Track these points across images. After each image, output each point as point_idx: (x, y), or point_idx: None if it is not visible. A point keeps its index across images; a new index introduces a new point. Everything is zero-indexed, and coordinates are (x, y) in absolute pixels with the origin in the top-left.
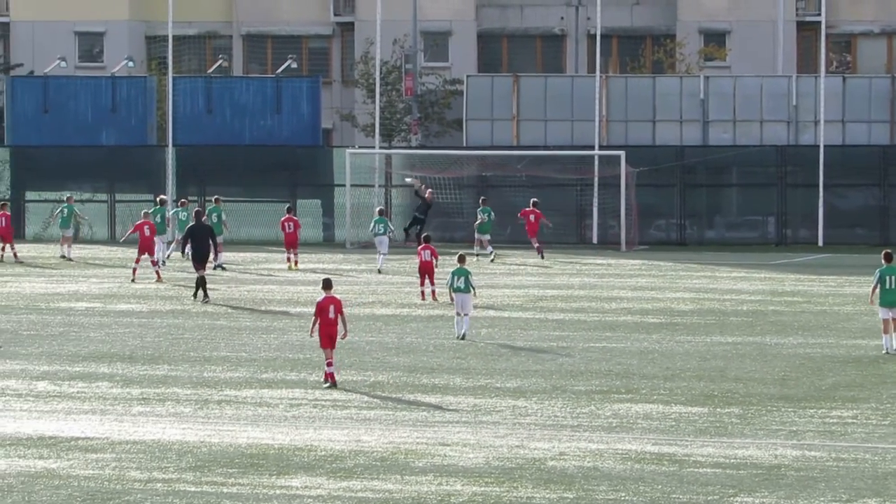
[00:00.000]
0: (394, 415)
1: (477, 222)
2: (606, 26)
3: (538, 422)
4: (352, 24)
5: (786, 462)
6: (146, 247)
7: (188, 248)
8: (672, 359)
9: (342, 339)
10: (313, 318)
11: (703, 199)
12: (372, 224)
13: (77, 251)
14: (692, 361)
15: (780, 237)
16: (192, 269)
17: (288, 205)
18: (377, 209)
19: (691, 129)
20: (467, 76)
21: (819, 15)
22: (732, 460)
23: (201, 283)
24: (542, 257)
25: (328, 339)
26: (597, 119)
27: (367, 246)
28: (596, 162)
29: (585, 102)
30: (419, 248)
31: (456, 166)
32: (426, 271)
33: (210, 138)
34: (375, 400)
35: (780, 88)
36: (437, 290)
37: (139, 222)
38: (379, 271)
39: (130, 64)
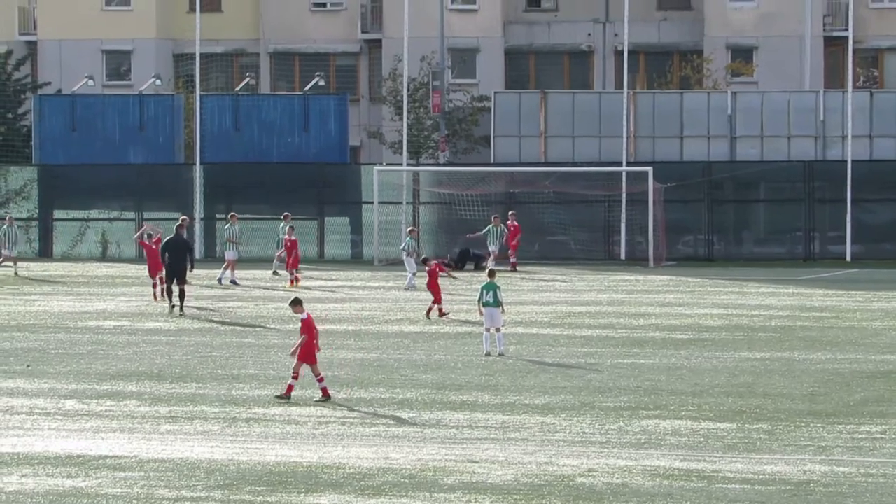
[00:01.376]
0: (422, 432)
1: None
2: (634, 42)
3: (567, 438)
4: (379, 41)
5: (814, 478)
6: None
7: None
8: (700, 375)
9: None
10: (307, 336)
11: (731, 215)
12: (403, 243)
13: (105, 269)
14: (721, 377)
15: (808, 252)
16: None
17: (291, 224)
18: (408, 229)
19: (719, 145)
20: (495, 93)
21: (846, 30)
22: (761, 476)
23: (180, 295)
24: (515, 270)
25: (313, 356)
26: (624, 135)
27: (394, 263)
28: (624, 178)
29: (613, 118)
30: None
31: (484, 183)
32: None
33: (238, 156)
34: (403, 417)
35: (808, 104)
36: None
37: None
38: (406, 289)
39: (158, 82)
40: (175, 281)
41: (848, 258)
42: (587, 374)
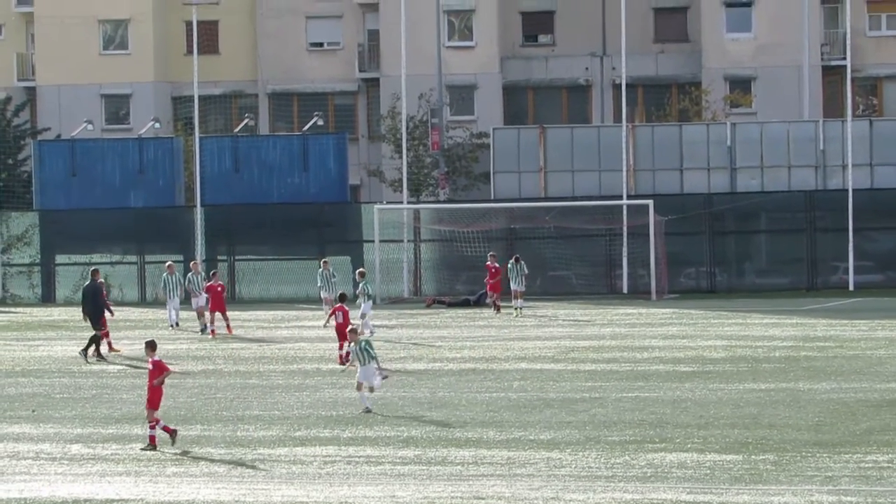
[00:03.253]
0: (428, 469)
1: None
2: (631, 75)
3: (573, 473)
4: (377, 79)
5: None
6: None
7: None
8: (705, 407)
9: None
10: (164, 374)
11: (733, 246)
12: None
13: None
14: (726, 409)
15: (810, 282)
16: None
17: (213, 270)
18: (358, 270)
19: (719, 177)
20: (493, 129)
21: (844, 59)
22: None
23: (93, 340)
24: (498, 311)
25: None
26: (624, 168)
27: (397, 301)
28: (624, 211)
29: (612, 152)
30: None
31: (484, 219)
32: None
33: (238, 197)
34: (409, 455)
35: (807, 133)
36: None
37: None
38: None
39: (157, 125)
40: (92, 327)
41: (851, 287)
42: (592, 409)
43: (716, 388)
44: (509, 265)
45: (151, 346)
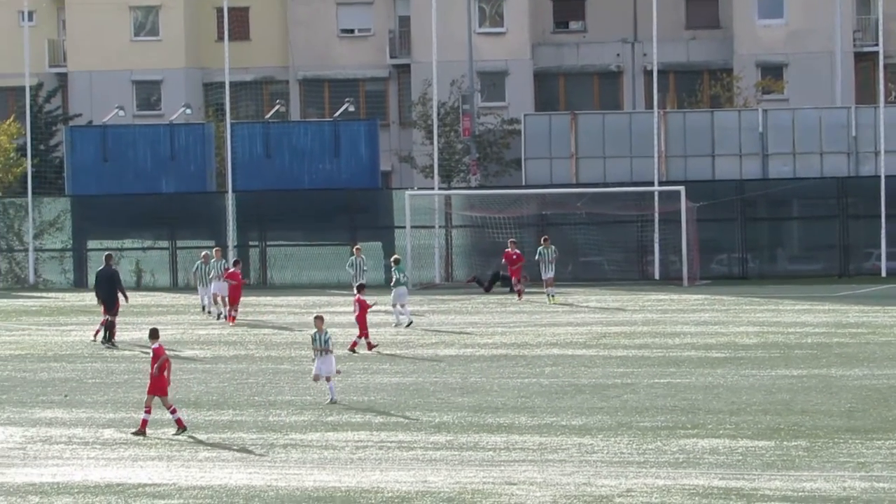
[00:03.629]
0: (460, 455)
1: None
2: (663, 62)
3: (604, 459)
4: (408, 66)
5: (854, 494)
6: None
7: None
8: (737, 393)
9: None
10: (158, 361)
11: (765, 233)
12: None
13: (140, 298)
14: (758, 395)
15: (842, 269)
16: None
17: (236, 259)
18: (392, 258)
19: (751, 163)
20: (525, 115)
21: (877, 45)
22: (800, 493)
23: (109, 326)
24: (520, 297)
25: (162, 388)
26: (656, 155)
27: (428, 287)
28: (656, 198)
29: (644, 138)
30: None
31: (515, 206)
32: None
33: (269, 183)
34: (441, 440)
35: (839, 120)
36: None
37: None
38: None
39: (188, 111)
40: (104, 311)
41: (883, 273)
42: (624, 395)
43: (748, 374)
44: (539, 249)
45: (153, 334)
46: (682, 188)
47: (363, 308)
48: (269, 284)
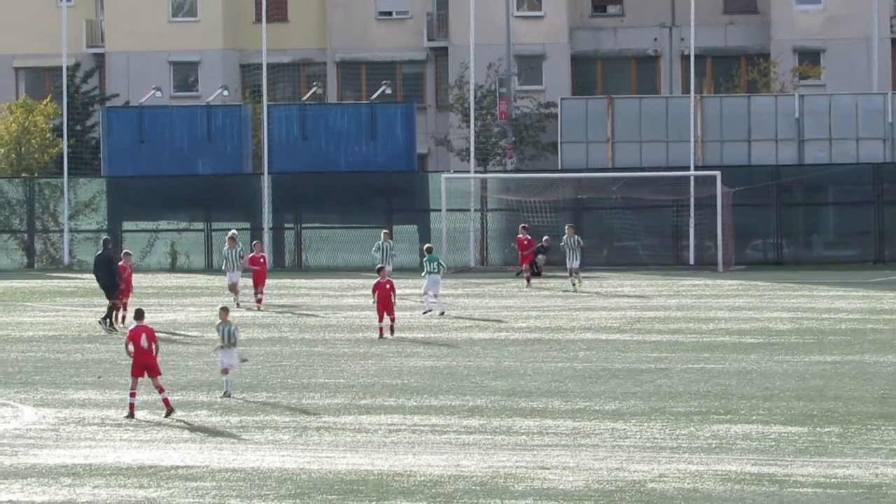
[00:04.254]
0: (493, 439)
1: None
2: (700, 46)
3: (637, 444)
4: (445, 49)
5: (887, 481)
6: (144, 366)
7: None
8: (771, 379)
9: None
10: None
11: (800, 218)
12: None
13: (174, 280)
14: (791, 381)
15: (877, 255)
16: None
17: (255, 241)
18: (426, 247)
19: (787, 149)
20: (561, 99)
21: None
22: (833, 480)
23: (111, 309)
24: (529, 284)
25: (140, 368)
26: (692, 140)
27: (463, 271)
28: (692, 182)
29: (680, 123)
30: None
31: (551, 189)
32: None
33: (305, 165)
34: (474, 424)
35: (876, 106)
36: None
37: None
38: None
39: (225, 93)
40: (106, 296)
41: None
42: (657, 380)
43: (781, 360)
44: (564, 238)
45: (138, 314)
46: (717, 173)
47: (391, 289)
48: (304, 267)
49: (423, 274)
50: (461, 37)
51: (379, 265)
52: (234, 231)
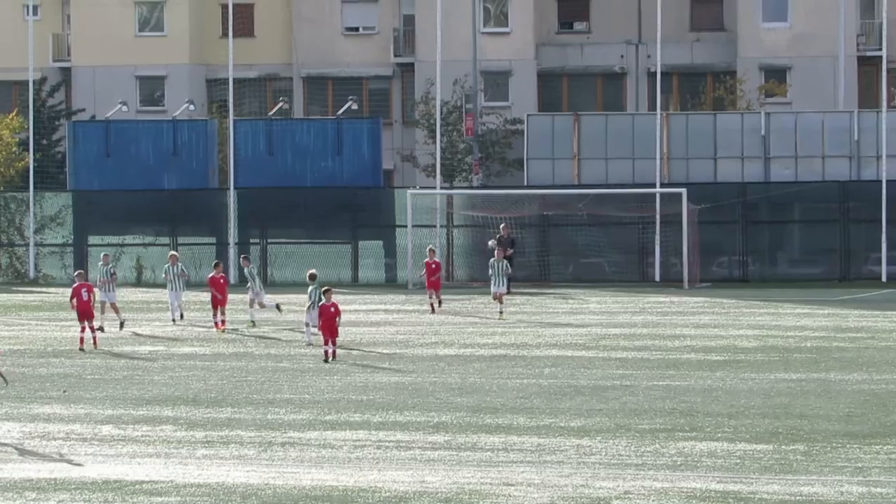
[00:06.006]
0: (458, 455)
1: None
2: (666, 64)
3: (603, 461)
4: (412, 64)
5: (852, 499)
6: (85, 312)
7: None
8: (736, 396)
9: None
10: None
11: (766, 236)
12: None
13: (140, 294)
14: (756, 399)
15: (843, 273)
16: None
17: (216, 261)
18: (310, 273)
19: (753, 166)
20: (528, 115)
21: (880, 50)
22: (798, 498)
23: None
24: (433, 312)
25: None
26: (658, 156)
27: None
28: (657, 199)
29: (646, 140)
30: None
31: (517, 206)
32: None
33: (271, 180)
34: (439, 440)
35: (842, 124)
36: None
37: (76, 285)
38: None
39: (191, 107)
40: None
41: (884, 278)
42: (622, 396)
43: (747, 377)
44: (491, 262)
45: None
46: (683, 190)
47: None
48: (269, 282)
49: (308, 306)
50: (428, 53)
51: (324, 289)
52: (173, 252)
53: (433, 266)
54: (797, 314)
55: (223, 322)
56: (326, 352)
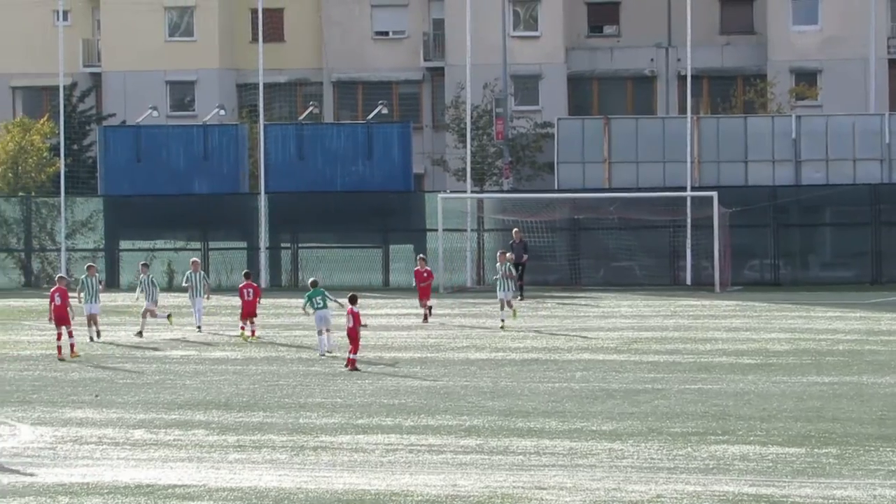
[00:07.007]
0: (490, 459)
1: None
2: (697, 67)
3: (634, 464)
4: (442, 69)
5: (884, 503)
6: (60, 318)
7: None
8: (768, 399)
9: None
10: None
11: (797, 239)
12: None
13: (172, 299)
14: (788, 402)
15: (875, 276)
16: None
17: (246, 270)
18: (311, 280)
19: (784, 169)
20: (558, 119)
21: None
22: (830, 501)
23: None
24: (426, 320)
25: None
26: (689, 160)
27: (460, 290)
28: (688, 203)
29: (677, 143)
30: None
31: (548, 210)
32: (353, 336)
33: (302, 185)
34: (471, 444)
35: (873, 126)
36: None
37: (52, 289)
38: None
39: (222, 112)
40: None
41: None
42: (654, 400)
43: (779, 380)
44: (496, 266)
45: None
46: (714, 194)
47: (356, 321)
48: (300, 286)
49: (309, 312)
50: (457, 57)
51: (350, 294)
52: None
53: (424, 274)
54: (829, 317)
55: (253, 332)
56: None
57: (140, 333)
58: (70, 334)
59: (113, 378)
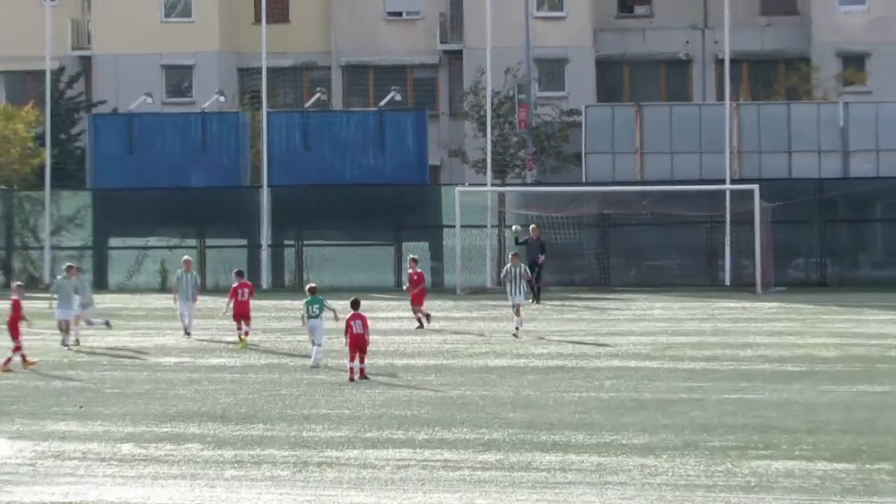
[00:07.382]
0: (511, 475)
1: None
2: (735, 50)
3: (669, 482)
4: (460, 52)
5: None
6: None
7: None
8: (815, 410)
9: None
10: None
11: (845, 236)
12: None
13: (164, 301)
14: (837, 413)
15: None
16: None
17: (238, 269)
18: (308, 286)
19: (830, 160)
20: (586, 106)
21: None
22: None
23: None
24: (421, 327)
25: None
26: (727, 150)
27: (478, 292)
28: (727, 197)
29: (715, 133)
30: (349, 317)
31: (575, 204)
32: (357, 345)
33: (308, 178)
34: (490, 459)
35: None
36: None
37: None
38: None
39: (221, 99)
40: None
41: None
42: (691, 411)
43: (826, 389)
44: (507, 268)
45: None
46: (755, 187)
47: (364, 326)
48: (305, 288)
49: (304, 320)
50: (477, 39)
51: (353, 298)
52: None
53: (415, 277)
54: (880, 321)
55: (247, 333)
56: (352, 370)
57: (77, 342)
58: (19, 348)
59: (99, 387)
